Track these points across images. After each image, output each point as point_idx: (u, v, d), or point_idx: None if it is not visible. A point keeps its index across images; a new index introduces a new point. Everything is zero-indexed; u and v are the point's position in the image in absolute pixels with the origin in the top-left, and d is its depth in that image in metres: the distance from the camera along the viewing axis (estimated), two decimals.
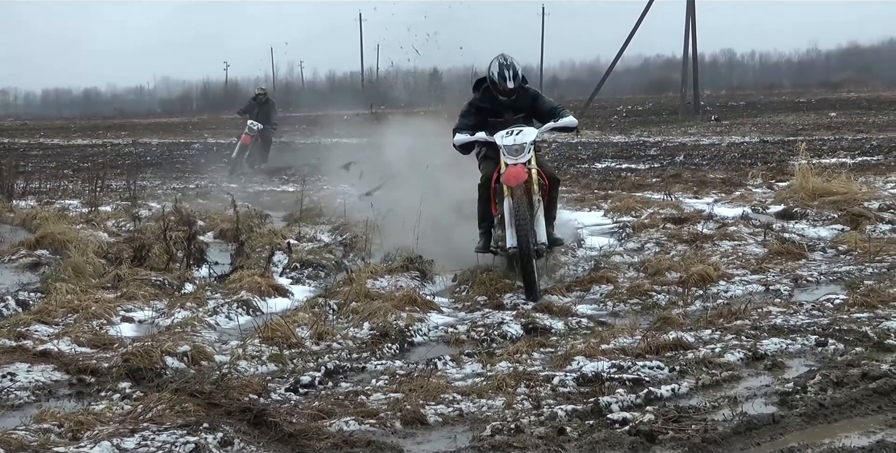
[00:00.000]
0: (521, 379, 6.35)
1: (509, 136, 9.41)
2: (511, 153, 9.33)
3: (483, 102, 9.87)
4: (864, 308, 8.28)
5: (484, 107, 9.84)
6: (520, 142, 9.37)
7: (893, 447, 4.86)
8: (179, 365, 6.75)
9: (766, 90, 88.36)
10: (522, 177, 9.19)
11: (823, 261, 10.94)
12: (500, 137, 9.44)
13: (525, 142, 9.39)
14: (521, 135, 9.41)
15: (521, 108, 9.84)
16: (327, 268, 10.60)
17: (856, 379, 6.13)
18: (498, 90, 9.69)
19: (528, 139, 9.43)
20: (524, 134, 9.44)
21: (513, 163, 9.27)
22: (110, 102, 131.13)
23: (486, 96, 9.86)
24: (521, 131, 9.45)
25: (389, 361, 7.15)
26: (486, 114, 9.81)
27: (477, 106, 9.90)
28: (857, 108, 51.24)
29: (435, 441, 5.42)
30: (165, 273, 10.03)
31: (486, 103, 9.84)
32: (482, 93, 9.91)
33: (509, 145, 9.35)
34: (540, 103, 9.93)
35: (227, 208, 14.26)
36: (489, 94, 9.82)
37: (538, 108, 9.91)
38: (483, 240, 9.91)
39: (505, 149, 9.34)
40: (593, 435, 5.25)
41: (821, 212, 14.02)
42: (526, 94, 9.90)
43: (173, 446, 5.00)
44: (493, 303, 8.95)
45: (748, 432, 5.31)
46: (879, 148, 26.70)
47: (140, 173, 24.79)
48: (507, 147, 9.34)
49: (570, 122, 9.73)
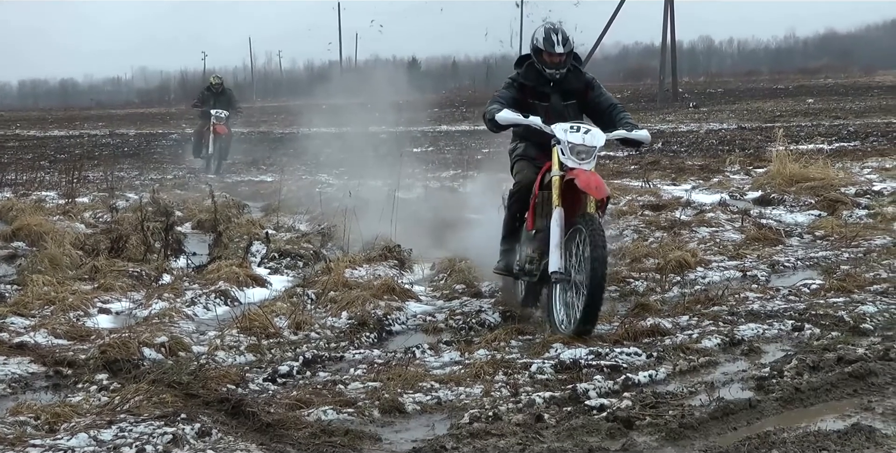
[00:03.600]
0: (498, 367, 6.36)
1: (576, 133, 7.50)
2: (575, 154, 7.43)
3: (527, 79, 8.09)
4: (841, 293, 8.33)
5: (527, 84, 8.08)
6: (591, 145, 7.47)
7: (868, 430, 4.88)
8: (157, 356, 6.72)
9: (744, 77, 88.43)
10: (606, 189, 7.40)
11: (800, 247, 11.00)
12: (564, 131, 7.51)
13: (596, 145, 7.51)
14: (590, 136, 7.51)
15: (571, 94, 8.10)
16: (305, 257, 10.58)
17: (831, 364, 6.15)
18: (544, 61, 7.96)
19: (600, 143, 7.54)
20: (594, 135, 7.54)
21: (576, 166, 7.40)
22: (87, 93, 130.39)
23: (529, 72, 8.11)
24: (590, 131, 7.56)
25: (367, 350, 7.15)
26: (529, 94, 8.07)
27: (520, 82, 8.11)
28: (835, 95, 51.40)
29: (413, 429, 5.42)
30: (143, 264, 9.99)
31: (530, 80, 8.08)
32: (525, 68, 8.15)
33: (577, 144, 7.44)
34: (596, 94, 8.15)
35: (204, 199, 14.23)
36: (533, 70, 8.08)
37: (593, 99, 8.14)
38: (505, 259, 8.19)
39: (569, 148, 7.44)
40: (571, 422, 5.26)
41: (798, 197, 14.10)
42: (579, 75, 8.15)
43: (150, 437, 4.98)
44: (471, 291, 8.97)
45: (725, 417, 5.32)
46: (856, 134, 26.82)
47: (117, 164, 24.69)
48: (574, 146, 7.44)
49: (644, 138, 7.91)
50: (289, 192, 15.78)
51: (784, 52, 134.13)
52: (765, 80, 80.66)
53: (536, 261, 7.76)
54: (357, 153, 17.10)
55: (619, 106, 8.18)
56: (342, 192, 13.64)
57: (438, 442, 4.96)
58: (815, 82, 68.55)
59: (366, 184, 15.21)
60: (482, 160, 19.85)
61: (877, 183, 15.71)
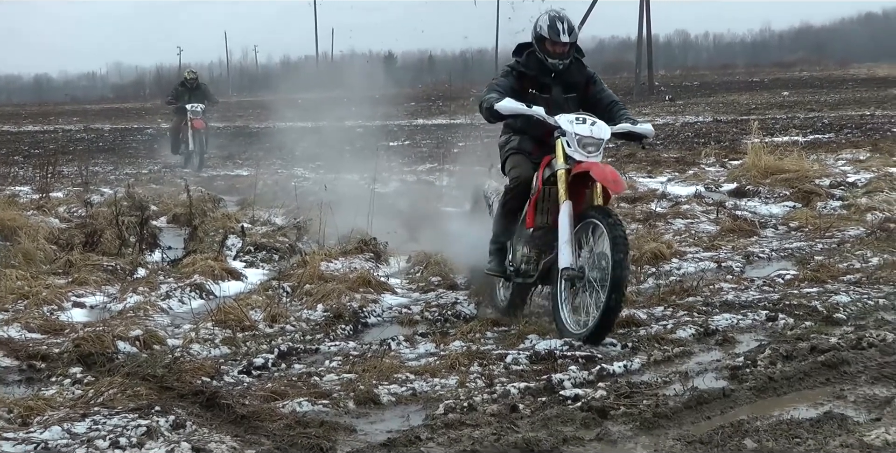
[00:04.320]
0: (474, 358, 6.37)
1: (583, 125, 7.09)
2: (582, 147, 7.02)
3: (527, 68, 7.60)
4: (814, 283, 8.39)
5: (527, 73, 7.60)
6: (598, 137, 7.06)
7: (840, 418, 4.91)
8: (131, 349, 6.69)
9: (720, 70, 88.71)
10: (624, 182, 7.08)
11: (775, 238, 11.06)
12: (570, 123, 7.09)
13: (603, 138, 7.10)
14: (597, 128, 7.10)
15: (572, 87, 7.65)
16: (281, 251, 10.55)
17: (805, 353, 6.20)
18: (547, 50, 7.48)
19: (607, 135, 7.15)
20: (600, 127, 7.14)
21: (583, 159, 7.01)
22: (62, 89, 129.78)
23: (530, 61, 7.62)
24: (596, 122, 7.15)
25: (343, 342, 7.14)
26: (529, 84, 7.60)
27: (519, 70, 7.62)
28: (810, 87, 51.66)
29: (388, 420, 5.42)
30: (118, 258, 9.94)
31: (531, 69, 7.59)
32: (526, 57, 7.65)
33: (584, 136, 7.03)
34: (598, 89, 7.71)
35: (180, 193, 14.19)
36: (534, 59, 7.60)
37: (594, 94, 7.69)
38: (496, 258, 7.67)
39: (577, 141, 7.02)
40: (546, 412, 5.27)
41: (773, 189, 14.16)
42: (581, 68, 7.71)
43: (124, 430, 4.95)
44: (446, 283, 8.97)
45: (699, 406, 5.34)
46: (831, 126, 26.96)
47: (92, 159, 24.57)
48: (581, 138, 7.02)
49: (648, 131, 7.55)
50: (264, 186, 15.73)
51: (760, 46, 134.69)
52: (740, 73, 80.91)
53: (534, 261, 7.37)
54: (333, 147, 17.09)
55: (619, 103, 7.74)
56: (318, 186, 13.62)
57: (413, 433, 4.96)
58: (791, 75, 68.85)
59: (342, 177, 15.23)
60: (458, 154, 19.84)
61: (851, 174, 15.82)
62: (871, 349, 6.22)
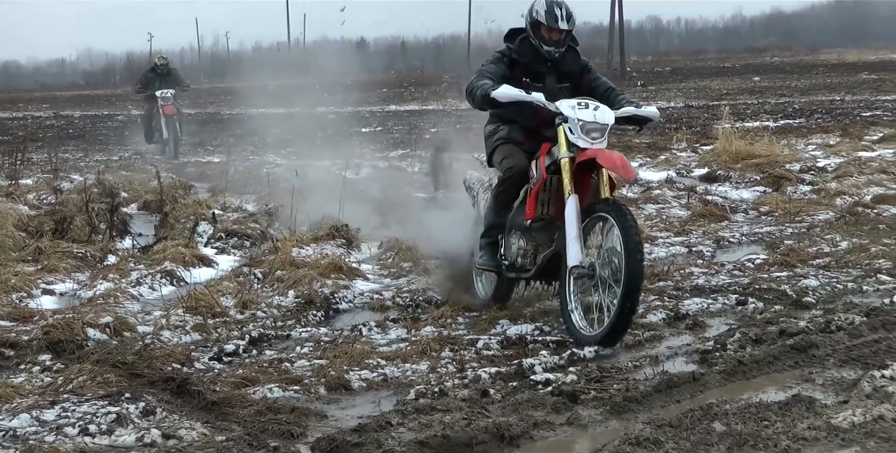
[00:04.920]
0: (445, 344, 6.38)
1: (585, 110, 6.70)
2: (586, 133, 6.64)
3: (520, 55, 7.21)
4: (784, 267, 8.44)
5: (520, 60, 7.19)
6: (603, 122, 6.69)
7: (808, 400, 4.94)
8: (101, 336, 6.65)
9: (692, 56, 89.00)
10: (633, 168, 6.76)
11: (745, 223, 11.12)
12: (572, 108, 6.70)
13: (608, 123, 6.73)
14: (601, 113, 6.72)
15: (566, 76, 7.29)
16: (253, 237, 10.52)
17: (774, 337, 6.24)
18: (542, 37, 7.09)
19: (611, 120, 6.76)
20: (604, 111, 6.75)
21: (588, 146, 6.64)
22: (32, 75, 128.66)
23: (523, 47, 7.21)
24: (599, 107, 6.77)
25: (314, 328, 7.14)
26: (521, 71, 7.19)
27: (512, 57, 7.22)
28: (780, 73, 51.88)
29: (359, 405, 5.42)
30: (88, 245, 9.88)
31: (524, 57, 7.19)
32: (519, 43, 7.24)
33: (588, 122, 6.64)
34: (592, 78, 7.34)
35: (150, 179, 14.11)
36: (528, 46, 7.19)
37: (588, 83, 7.31)
38: (488, 253, 7.25)
39: (579, 126, 6.63)
40: (516, 397, 5.28)
41: (743, 174, 14.23)
42: (576, 57, 7.33)
43: (94, 417, 4.94)
44: (418, 269, 8.96)
45: (669, 390, 5.37)
46: (801, 111, 27.09)
47: (62, 146, 24.45)
48: (585, 123, 6.63)
49: (653, 114, 7.17)
50: (236, 173, 15.70)
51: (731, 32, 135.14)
52: (712, 58, 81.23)
53: (531, 255, 7.02)
54: (305, 133, 17.04)
55: (616, 89, 7.38)
56: (290, 173, 13.58)
57: (384, 418, 4.97)
58: (762, 61, 69.16)
59: (314, 164, 15.19)
60: (431, 139, 19.82)
61: (821, 159, 15.91)
62: (840, 332, 6.26)
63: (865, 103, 28.74)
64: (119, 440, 4.74)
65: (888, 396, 4.94)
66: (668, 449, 4.39)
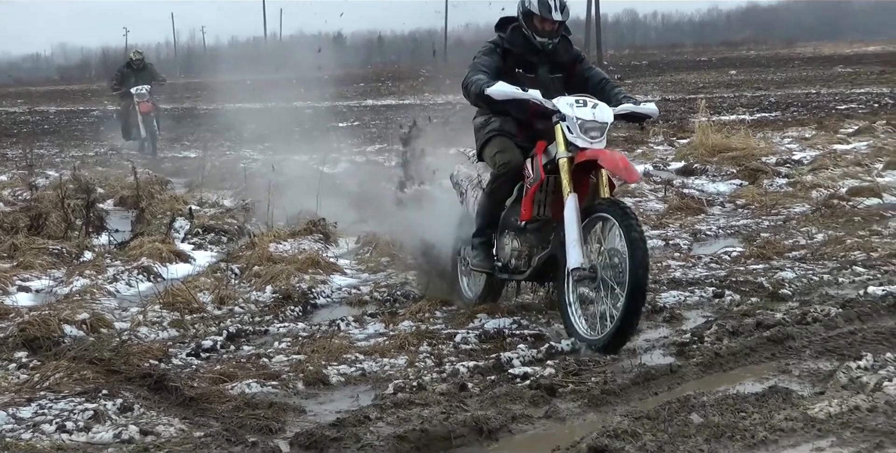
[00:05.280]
0: (423, 338, 6.39)
1: (584, 108, 6.45)
2: (585, 132, 6.38)
3: (513, 45, 6.97)
4: (760, 260, 8.48)
5: (513, 51, 6.97)
6: (602, 121, 6.44)
7: (785, 392, 4.97)
8: (78, 333, 6.62)
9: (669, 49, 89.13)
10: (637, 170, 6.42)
11: (722, 216, 11.17)
12: (570, 106, 6.44)
13: (607, 121, 6.49)
14: (600, 111, 6.47)
15: (558, 67, 7.05)
16: (230, 232, 10.52)
17: (751, 329, 6.27)
18: (535, 27, 6.86)
19: (610, 118, 6.52)
20: (602, 109, 6.50)
21: (587, 146, 6.38)
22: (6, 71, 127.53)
23: (516, 37, 6.98)
24: (598, 104, 6.52)
25: (292, 323, 7.13)
26: (514, 61, 6.97)
27: (504, 47, 6.98)
28: (757, 66, 52.00)
29: (337, 400, 5.43)
30: (64, 241, 9.84)
31: (517, 47, 6.95)
32: (511, 33, 7.00)
33: (587, 120, 6.39)
34: (585, 68, 7.12)
35: (127, 175, 14.04)
36: (520, 36, 6.96)
37: (581, 73, 7.09)
38: (482, 253, 6.98)
39: (578, 125, 6.37)
40: (495, 390, 5.29)
41: (720, 167, 14.27)
42: (569, 47, 7.10)
43: (71, 413, 4.93)
44: (396, 263, 8.96)
45: (646, 382, 5.39)
46: (777, 104, 27.18)
47: (37, 141, 24.26)
48: (584, 122, 6.38)
49: (652, 111, 6.89)
50: (212, 168, 15.66)
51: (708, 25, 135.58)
52: (689, 52, 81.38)
53: (526, 256, 6.79)
54: (282, 128, 17.00)
55: (611, 80, 7.14)
56: (267, 168, 13.55)
57: (362, 413, 4.96)
58: (738, 54, 69.35)
59: (291, 159, 15.16)
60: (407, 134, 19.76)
61: (796, 152, 15.97)
62: (816, 324, 6.29)
63: (841, 96, 28.86)
64: (96, 437, 4.73)
65: (863, 387, 4.98)
66: (646, 441, 4.40)
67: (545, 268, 6.64)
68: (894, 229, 9.48)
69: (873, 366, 5.30)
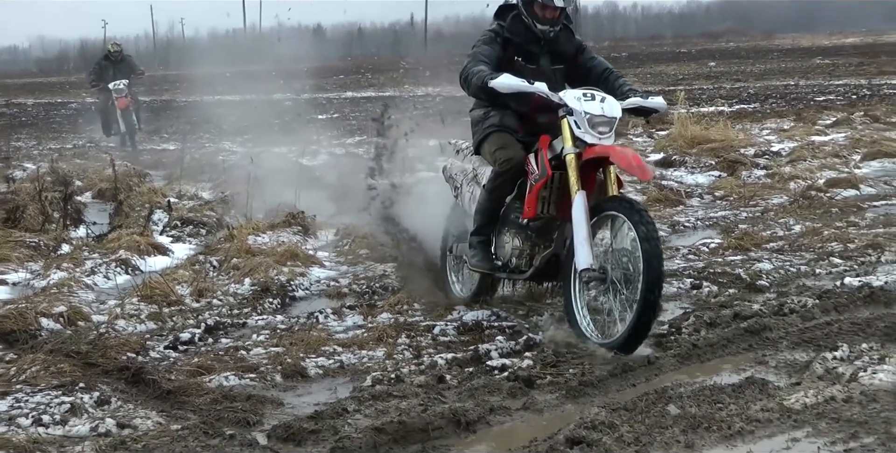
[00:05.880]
0: (401, 330, 6.39)
1: (592, 101, 6.14)
2: (593, 127, 6.08)
3: (513, 34, 6.68)
4: (738, 251, 8.50)
5: (513, 40, 6.68)
6: (610, 115, 6.13)
7: (762, 382, 4.99)
8: (55, 326, 6.61)
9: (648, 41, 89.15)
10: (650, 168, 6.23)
11: (700, 207, 11.20)
12: (577, 100, 6.14)
13: (616, 116, 6.17)
14: (608, 105, 6.17)
15: (560, 57, 6.78)
16: (208, 225, 10.48)
17: (728, 320, 6.30)
18: (535, 14, 6.58)
19: (619, 112, 6.21)
20: (611, 103, 6.20)
21: (595, 142, 6.07)
22: None
23: (516, 26, 6.69)
24: (606, 98, 6.21)
25: (270, 316, 7.13)
26: (514, 51, 6.68)
27: (504, 36, 6.67)
28: (736, 58, 52.09)
29: (315, 393, 5.43)
30: (41, 234, 9.79)
31: (518, 36, 6.67)
32: (511, 21, 6.70)
33: (596, 115, 6.08)
34: (588, 58, 6.86)
35: (105, 168, 13.97)
36: (520, 24, 6.68)
37: (584, 63, 6.84)
38: (481, 252, 6.71)
39: (586, 120, 6.07)
40: (473, 382, 5.30)
41: (699, 159, 14.28)
42: (570, 36, 6.83)
43: (48, 407, 4.92)
44: (374, 255, 8.94)
45: (624, 374, 5.40)
46: (756, 96, 27.25)
47: (15, 134, 24.15)
48: (592, 117, 6.07)
49: (660, 106, 6.56)
50: (191, 161, 15.59)
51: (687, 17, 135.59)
52: (668, 44, 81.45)
53: (527, 255, 6.53)
54: (262, 121, 16.95)
55: (615, 70, 6.87)
56: (246, 160, 13.50)
57: (340, 405, 4.97)
58: (717, 46, 69.45)
59: (270, 151, 15.11)
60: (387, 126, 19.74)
61: (775, 144, 16.00)
62: (793, 315, 6.32)
63: (819, 88, 28.96)
64: (73, 430, 4.72)
65: (839, 377, 5.01)
66: (623, 432, 4.42)
67: (547, 268, 6.42)
68: (871, 220, 9.53)
69: (849, 357, 5.33)
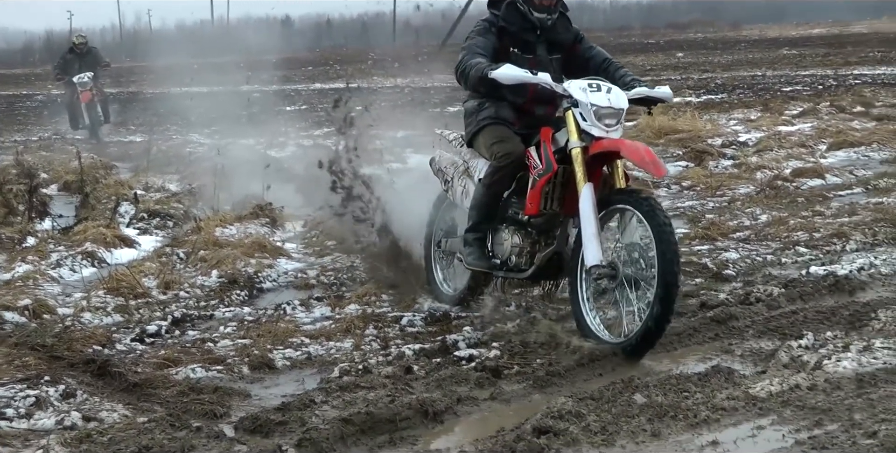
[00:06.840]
0: (369, 321, 6.40)
1: (598, 93, 5.86)
2: (599, 119, 5.80)
3: (508, 23, 6.38)
4: (705, 240, 8.54)
5: (509, 29, 6.38)
6: (617, 107, 5.84)
7: (728, 371, 5.03)
8: (20, 319, 6.56)
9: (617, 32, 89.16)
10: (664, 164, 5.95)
11: (668, 197, 11.22)
12: (583, 91, 5.86)
13: (623, 107, 5.89)
14: (615, 96, 5.88)
15: (557, 46, 6.47)
16: (175, 217, 10.43)
17: (694, 309, 6.36)
18: (532, 2, 6.27)
19: (625, 103, 5.92)
20: (617, 94, 5.91)
21: (602, 135, 5.80)
22: None
23: (511, 14, 6.39)
24: (611, 89, 5.93)
25: (238, 308, 7.11)
26: (509, 41, 6.37)
27: (499, 26, 6.37)
28: (704, 49, 52.26)
29: (283, 384, 5.42)
30: (5, 227, 9.71)
31: (513, 25, 6.38)
32: (506, 9, 6.39)
33: (603, 107, 5.80)
34: (586, 47, 6.57)
35: (71, 160, 13.88)
36: (516, 12, 6.37)
37: (582, 53, 6.55)
38: (478, 251, 6.40)
39: (592, 112, 5.79)
40: (440, 373, 5.31)
41: (666, 149, 14.34)
42: (568, 25, 6.54)
43: (12, 400, 4.88)
44: (342, 247, 8.92)
45: (591, 364, 5.43)
46: (724, 86, 27.35)
47: None
48: (599, 109, 5.79)
49: (667, 96, 6.30)
50: (158, 153, 15.50)
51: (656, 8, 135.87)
52: (637, 35, 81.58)
53: (528, 253, 6.25)
54: (229, 112, 16.86)
55: (614, 60, 6.58)
56: (213, 152, 13.43)
57: (308, 396, 4.98)
58: (685, 37, 69.66)
59: (238, 143, 15.02)
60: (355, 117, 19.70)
61: (742, 134, 16.08)
62: (759, 304, 6.38)
63: (786, 78, 29.11)
64: (38, 423, 4.70)
65: (804, 365, 5.06)
66: (590, 421, 4.44)
67: (548, 267, 6.21)
68: (836, 210, 9.59)
69: (814, 345, 5.39)
